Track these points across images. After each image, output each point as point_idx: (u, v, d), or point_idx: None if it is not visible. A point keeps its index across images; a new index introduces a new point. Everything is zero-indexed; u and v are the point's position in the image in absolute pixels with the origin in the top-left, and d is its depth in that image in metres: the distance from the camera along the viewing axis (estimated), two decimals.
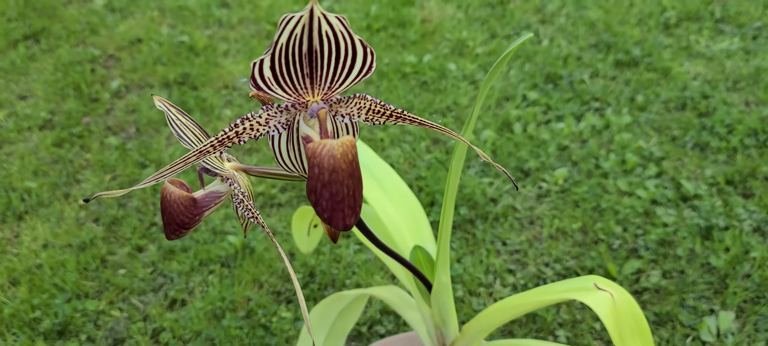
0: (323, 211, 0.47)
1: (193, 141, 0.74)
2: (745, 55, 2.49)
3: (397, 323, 1.60)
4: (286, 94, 0.50)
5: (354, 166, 0.47)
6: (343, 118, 0.54)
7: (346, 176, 0.46)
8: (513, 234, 1.81)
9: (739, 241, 1.71)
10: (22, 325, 1.62)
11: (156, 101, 0.64)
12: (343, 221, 0.47)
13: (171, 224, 0.77)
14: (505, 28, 2.79)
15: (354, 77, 0.50)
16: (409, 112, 0.55)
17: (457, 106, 2.34)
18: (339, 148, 0.46)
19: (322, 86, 0.50)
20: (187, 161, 0.52)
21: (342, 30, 0.46)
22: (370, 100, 0.54)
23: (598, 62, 2.52)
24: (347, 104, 0.53)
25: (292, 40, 0.46)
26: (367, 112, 0.54)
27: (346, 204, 0.46)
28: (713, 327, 1.53)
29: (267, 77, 0.47)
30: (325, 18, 0.45)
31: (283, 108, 0.51)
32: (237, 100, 2.44)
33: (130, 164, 2.14)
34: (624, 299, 0.84)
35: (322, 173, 0.46)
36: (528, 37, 0.84)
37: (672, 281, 1.64)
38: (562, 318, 1.57)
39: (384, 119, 0.55)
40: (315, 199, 0.47)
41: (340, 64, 0.49)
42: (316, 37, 0.46)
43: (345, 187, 0.46)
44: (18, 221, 1.95)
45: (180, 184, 0.79)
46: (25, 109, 2.45)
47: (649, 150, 2.05)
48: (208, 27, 2.95)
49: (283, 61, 0.47)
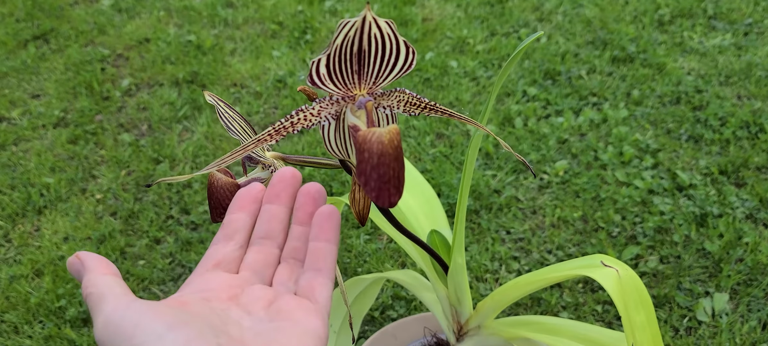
0: (372, 190, 0.53)
1: (239, 132, 0.82)
2: (737, 51, 2.57)
3: (408, 308, 1.68)
4: (336, 88, 0.56)
5: (399, 150, 0.53)
6: (385, 109, 0.61)
7: (392, 159, 0.52)
8: (517, 223, 1.89)
9: (733, 227, 1.79)
10: (48, 313, 1.69)
11: (207, 96, 0.71)
12: (389, 199, 0.53)
13: (217, 208, 0.84)
14: (505, 26, 2.87)
15: (396, 73, 0.57)
16: (441, 105, 0.62)
17: (459, 101, 2.42)
18: (387, 135, 0.52)
19: (368, 81, 0.56)
20: (246, 149, 0.57)
21: (389, 32, 0.53)
22: (408, 94, 0.60)
23: (594, 59, 2.60)
24: (389, 97, 0.60)
25: (346, 42, 0.52)
26: (405, 104, 0.61)
27: (392, 184, 0.52)
28: (708, 308, 1.62)
29: (322, 74, 0.54)
30: (376, 22, 0.51)
31: (334, 101, 0.57)
32: (245, 97, 2.51)
33: (145, 160, 2.20)
34: (628, 275, 0.92)
35: (372, 156, 0.52)
36: (539, 35, 0.91)
37: (669, 265, 1.73)
38: (565, 301, 1.66)
39: (418, 111, 0.62)
40: (365, 179, 0.53)
41: (385, 62, 0.55)
42: (366, 39, 0.52)
43: (391, 169, 0.52)
44: (38, 215, 2.01)
45: (225, 171, 0.86)
46: (39, 108, 2.51)
47: (645, 142, 2.13)
48: (214, 27, 3.01)
49: (336, 60, 0.53)
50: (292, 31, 2.92)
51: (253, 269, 0.56)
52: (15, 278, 1.79)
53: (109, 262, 0.51)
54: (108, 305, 0.45)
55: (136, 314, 0.44)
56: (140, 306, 0.44)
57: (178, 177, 0.61)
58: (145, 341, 0.42)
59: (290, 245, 0.58)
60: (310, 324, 0.51)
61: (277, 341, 0.48)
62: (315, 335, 0.50)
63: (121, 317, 0.44)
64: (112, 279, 0.48)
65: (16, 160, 2.24)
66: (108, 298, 0.46)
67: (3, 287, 1.77)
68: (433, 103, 0.61)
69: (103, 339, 0.44)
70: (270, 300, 0.53)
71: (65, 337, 1.63)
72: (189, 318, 0.44)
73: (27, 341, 1.63)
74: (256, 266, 0.56)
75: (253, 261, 0.56)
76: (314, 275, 0.55)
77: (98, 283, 0.48)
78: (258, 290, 0.53)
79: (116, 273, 0.50)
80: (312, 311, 0.52)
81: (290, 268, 0.57)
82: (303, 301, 0.53)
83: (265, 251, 0.57)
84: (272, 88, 2.55)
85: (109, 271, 0.49)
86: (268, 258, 0.57)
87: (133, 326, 0.43)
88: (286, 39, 2.88)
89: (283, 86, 2.56)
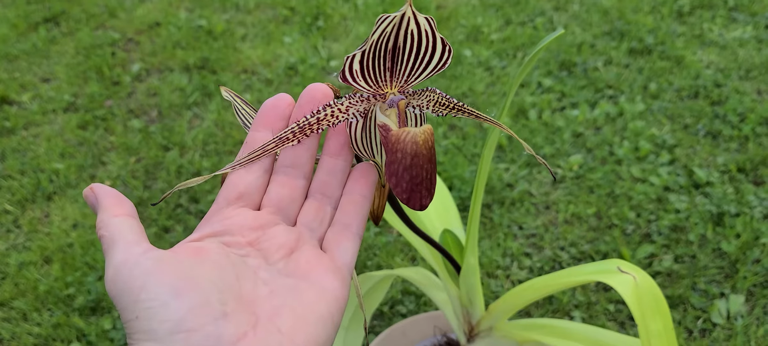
0: (403, 192, 0.50)
1: None
2: (758, 44, 2.52)
3: (417, 303, 1.66)
4: (367, 85, 0.53)
5: (432, 152, 0.51)
6: (414, 109, 0.58)
7: (425, 160, 0.50)
8: (529, 219, 1.87)
9: (750, 227, 1.76)
10: (57, 301, 1.69)
11: (223, 92, 0.69)
12: (420, 202, 0.51)
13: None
14: (520, 15, 2.82)
15: (429, 72, 0.54)
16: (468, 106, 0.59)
17: (472, 92, 2.38)
18: (421, 135, 0.50)
19: (399, 79, 0.54)
20: (265, 149, 0.53)
21: (427, 29, 0.50)
22: (439, 94, 0.57)
23: (611, 50, 2.55)
24: (420, 96, 0.57)
25: (382, 38, 0.49)
26: (434, 104, 0.58)
27: (424, 186, 0.50)
28: (724, 310, 1.59)
29: (355, 70, 0.51)
30: (415, 18, 0.49)
31: (364, 98, 0.54)
32: (256, 84, 2.49)
33: (154, 147, 2.19)
34: (645, 281, 0.89)
35: (405, 157, 0.49)
36: (560, 34, 0.88)
37: (684, 265, 1.70)
38: (577, 300, 1.63)
39: (447, 111, 0.59)
40: (395, 181, 0.50)
41: (419, 59, 0.52)
42: (402, 35, 0.50)
43: (424, 170, 0.50)
44: (47, 201, 2.01)
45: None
46: (49, 92, 2.50)
47: (662, 138, 2.09)
48: (225, 11, 2.99)
49: (370, 56, 0.51)
50: (303, 17, 2.88)
51: (278, 205, 0.52)
52: (24, 265, 1.79)
53: (123, 199, 0.49)
54: (118, 253, 0.44)
55: (144, 274, 0.43)
56: (150, 262, 0.43)
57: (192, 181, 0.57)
58: (151, 307, 0.41)
59: (319, 179, 0.54)
60: (329, 285, 0.48)
61: (289, 305, 0.46)
62: (332, 296, 0.48)
63: (129, 273, 0.43)
64: (126, 222, 0.47)
65: (26, 145, 2.24)
66: (119, 245, 0.45)
67: (12, 273, 1.77)
68: (462, 104, 0.58)
69: (111, 291, 0.43)
70: (291, 248, 0.50)
71: (74, 325, 1.63)
72: (200, 277, 0.43)
73: (36, 328, 1.63)
74: (280, 202, 0.52)
75: (278, 197, 0.53)
76: (342, 230, 0.53)
77: (110, 225, 0.46)
78: (281, 233, 0.51)
79: (130, 213, 0.48)
80: (332, 271, 0.50)
81: (317, 205, 0.54)
82: (324, 258, 0.50)
83: (290, 183, 0.53)
84: (283, 76, 2.53)
85: (122, 211, 0.48)
86: (294, 192, 0.53)
87: (140, 288, 0.42)
88: (297, 25, 2.85)
89: (295, 73, 2.54)
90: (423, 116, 0.58)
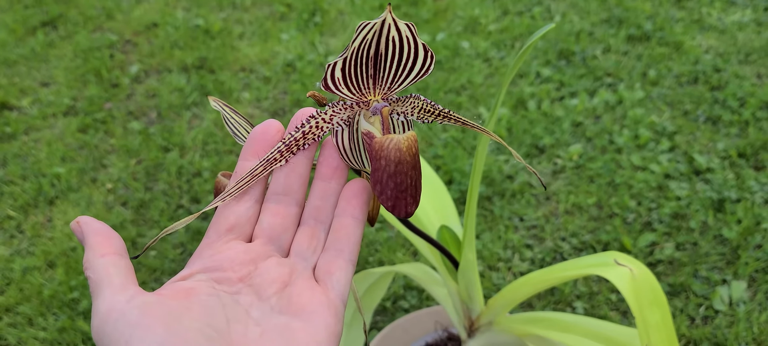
0: (387, 199, 0.50)
1: (246, 138, 0.79)
2: (757, 28, 2.50)
3: (420, 298, 1.67)
4: (350, 93, 0.52)
5: (417, 158, 0.50)
6: (399, 116, 0.58)
7: (409, 167, 0.49)
8: (530, 210, 1.86)
9: (751, 213, 1.75)
10: (61, 305, 1.70)
11: (212, 102, 0.69)
12: (406, 209, 0.50)
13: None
14: (517, 5, 2.81)
15: (412, 78, 0.53)
16: (454, 113, 0.59)
17: (471, 84, 2.38)
18: (405, 142, 0.49)
19: (382, 86, 0.53)
20: (254, 175, 0.51)
21: (408, 35, 0.49)
22: (423, 100, 0.57)
23: (610, 37, 2.54)
24: (403, 103, 0.57)
25: (363, 45, 0.49)
26: (419, 110, 0.57)
27: (408, 193, 0.50)
28: (725, 296, 1.58)
29: (337, 78, 0.51)
30: (396, 24, 0.48)
31: (348, 106, 0.54)
32: (254, 83, 2.49)
33: (154, 149, 2.20)
34: (643, 273, 0.89)
35: (389, 164, 0.49)
36: (551, 27, 0.87)
37: (685, 252, 1.69)
38: (579, 291, 1.63)
39: (432, 118, 0.58)
40: (380, 189, 0.50)
41: (402, 66, 0.52)
42: (383, 41, 0.50)
43: (408, 177, 0.49)
44: (49, 206, 2.02)
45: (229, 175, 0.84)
46: (49, 96, 2.50)
47: (661, 125, 2.08)
48: (222, 10, 2.98)
49: (352, 63, 0.50)
50: (300, 13, 2.88)
51: (270, 235, 0.51)
52: (28, 270, 1.80)
53: (111, 235, 0.48)
54: (104, 302, 0.43)
55: (129, 327, 0.41)
56: (135, 313, 0.42)
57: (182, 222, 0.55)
58: None
59: (312, 204, 0.53)
60: (321, 322, 0.47)
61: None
62: (325, 334, 0.47)
63: (113, 326, 0.42)
64: (112, 263, 0.46)
65: (27, 150, 2.25)
66: (104, 291, 0.44)
67: (17, 279, 1.78)
68: (448, 110, 0.58)
69: (97, 339, 0.42)
70: (284, 282, 0.49)
71: (79, 329, 1.64)
72: (188, 327, 0.42)
73: (41, 332, 1.65)
74: (272, 231, 0.51)
75: (270, 226, 0.51)
76: (335, 256, 0.52)
77: (97, 267, 0.45)
78: (273, 267, 0.49)
79: (117, 251, 0.47)
80: (325, 306, 0.48)
81: (311, 232, 0.53)
82: (317, 291, 0.49)
83: (282, 211, 0.52)
84: (281, 73, 2.52)
85: (109, 250, 0.47)
86: (286, 221, 0.52)
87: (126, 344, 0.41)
88: (294, 21, 2.84)
89: (292, 70, 2.53)
90: (410, 123, 0.58)
